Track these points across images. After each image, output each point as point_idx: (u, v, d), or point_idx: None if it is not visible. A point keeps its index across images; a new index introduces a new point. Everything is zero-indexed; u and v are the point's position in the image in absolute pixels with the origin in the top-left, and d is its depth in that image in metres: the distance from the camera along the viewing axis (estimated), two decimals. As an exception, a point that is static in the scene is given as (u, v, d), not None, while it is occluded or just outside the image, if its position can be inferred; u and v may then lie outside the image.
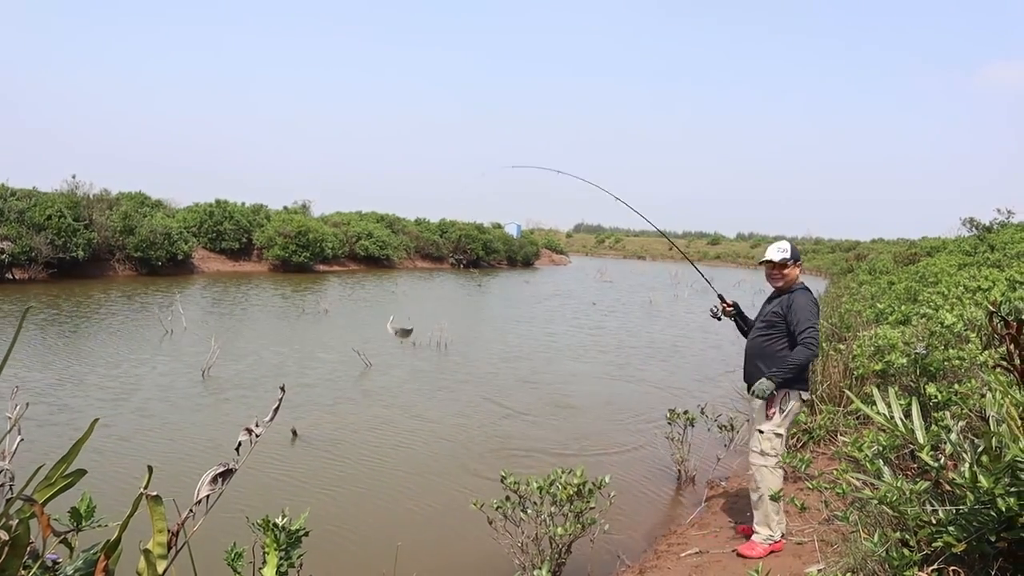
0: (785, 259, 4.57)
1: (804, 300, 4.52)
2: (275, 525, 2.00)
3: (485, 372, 11.37)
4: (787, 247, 4.64)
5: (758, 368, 4.57)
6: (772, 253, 4.62)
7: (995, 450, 2.39)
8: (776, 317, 4.55)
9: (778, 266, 4.58)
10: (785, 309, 4.51)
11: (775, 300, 4.66)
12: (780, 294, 4.64)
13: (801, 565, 4.07)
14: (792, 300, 4.52)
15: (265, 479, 6.11)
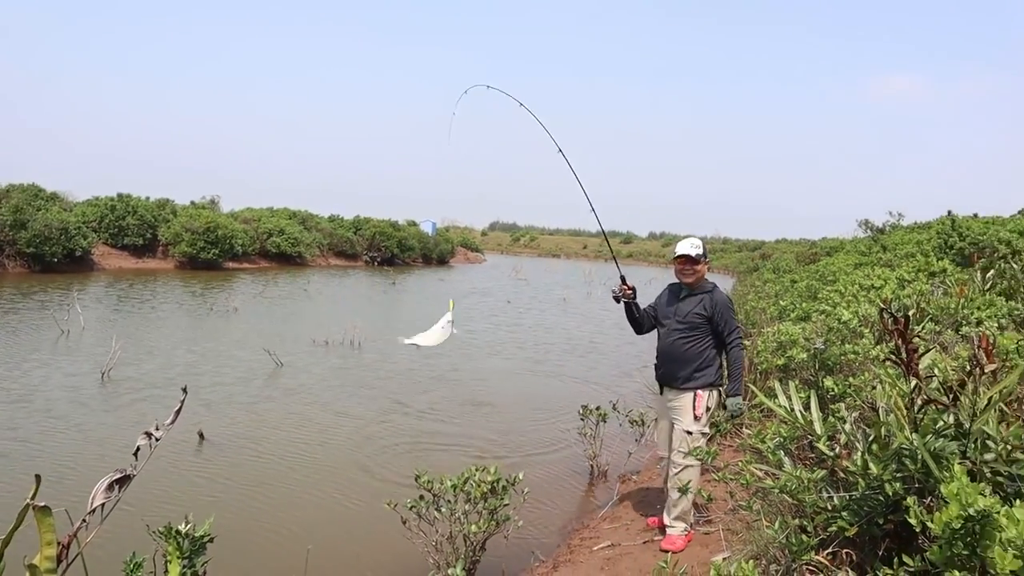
0: (699, 255, 4.61)
1: (725, 300, 4.63)
2: (177, 532, 1.92)
3: (401, 370, 11.26)
4: (699, 243, 4.69)
5: (681, 370, 4.56)
6: (687, 248, 4.63)
7: (884, 439, 2.52)
8: (699, 318, 4.56)
9: (691, 261, 4.61)
10: (710, 310, 4.54)
11: (690, 299, 4.65)
12: (692, 292, 4.65)
13: (708, 554, 4.20)
14: (715, 301, 4.57)
15: (169, 485, 5.87)
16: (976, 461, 2.33)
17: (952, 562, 1.89)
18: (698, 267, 4.64)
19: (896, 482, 2.31)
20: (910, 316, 2.77)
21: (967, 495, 1.87)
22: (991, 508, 1.84)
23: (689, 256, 4.60)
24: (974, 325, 6.18)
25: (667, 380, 4.66)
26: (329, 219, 44.45)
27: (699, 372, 4.54)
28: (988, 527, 1.84)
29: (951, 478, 1.97)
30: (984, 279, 8.54)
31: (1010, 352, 4.37)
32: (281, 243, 36.05)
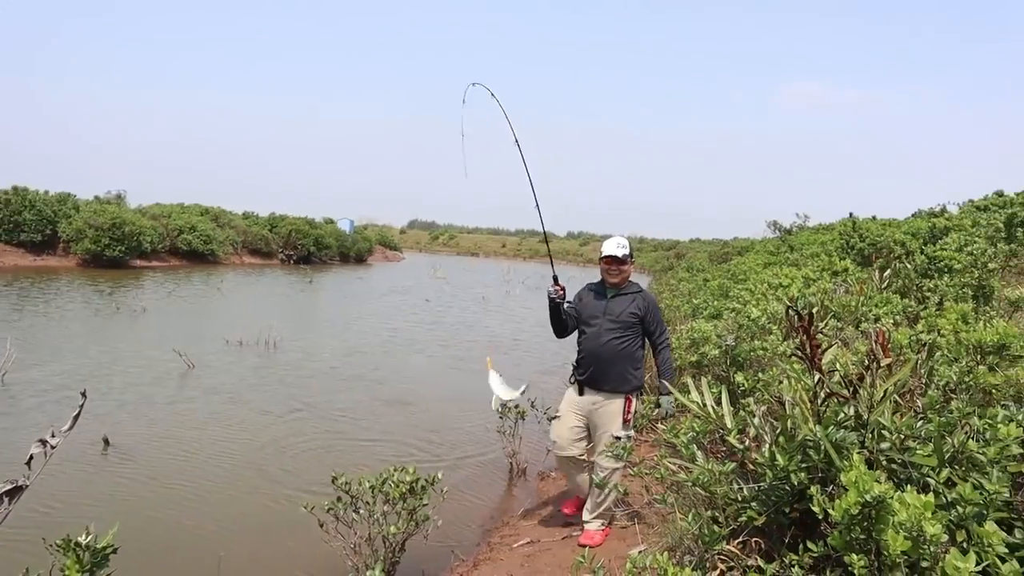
0: (626, 255, 4.58)
1: (655, 300, 4.67)
2: (77, 544, 1.83)
3: (318, 371, 11.05)
4: (626, 243, 4.64)
5: (614, 371, 4.50)
6: (613, 248, 4.58)
7: (790, 431, 2.64)
8: (634, 318, 4.53)
9: (619, 261, 4.58)
10: (643, 310, 4.54)
11: (620, 298, 4.62)
12: (620, 291, 4.63)
13: (625, 547, 4.29)
14: (647, 301, 4.59)
15: (69, 494, 5.58)
16: (873, 450, 2.46)
17: (851, 546, 1.99)
18: (624, 267, 4.61)
19: (801, 472, 2.42)
20: (814, 313, 2.90)
21: (864, 483, 1.98)
22: (886, 494, 1.95)
23: (616, 257, 4.56)
24: (872, 321, 6.52)
25: (595, 383, 4.56)
26: (243, 216, 43.18)
27: (631, 374, 4.53)
28: (883, 512, 1.95)
29: (850, 467, 2.07)
30: (881, 278, 9.01)
31: (904, 347, 4.63)
32: (193, 240, 34.76)
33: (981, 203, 16.19)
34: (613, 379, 4.49)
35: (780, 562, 2.28)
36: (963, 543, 1.98)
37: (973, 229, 11.81)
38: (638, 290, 4.66)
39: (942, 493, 2.20)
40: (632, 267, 4.70)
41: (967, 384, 3.55)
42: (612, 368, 4.49)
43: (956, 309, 5.52)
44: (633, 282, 4.71)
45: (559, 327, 4.83)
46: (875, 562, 1.98)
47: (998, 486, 2.13)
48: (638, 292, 4.65)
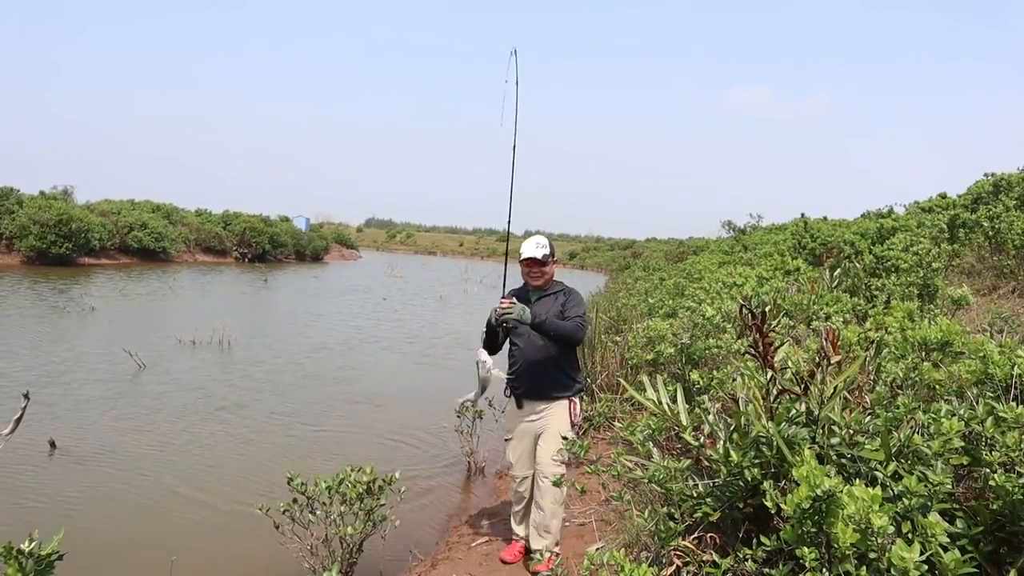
0: (546, 255, 4.28)
1: (579, 296, 4.38)
2: (19, 552, 1.78)
3: (273, 370, 10.90)
4: (545, 242, 4.32)
5: (551, 379, 4.25)
6: (533, 250, 4.26)
7: (743, 428, 2.68)
8: (559, 319, 4.22)
9: (539, 263, 4.28)
10: (564, 305, 4.26)
11: (544, 300, 4.32)
12: (544, 293, 4.35)
13: (583, 544, 4.32)
14: (568, 295, 4.32)
15: (13, 499, 5.42)
16: (823, 445, 2.52)
17: (802, 539, 2.04)
18: (546, 268, 4.32)
19: (754, 468, 2.46)
20: (767, 312, 2.96)
21: (815, 477, 2.02)
22: (836, 488, 2.00)
23: (535, 259, 4.26)
24: (823, 320, 6.67)
25: (533, 394, 4.29)
26: (196, 213, 42.37)
27: (569, 379, 4.30)
28: (833, 506, 1.99)
29: (801, 462, 2.12)
30: (832, 277, 9.22)
31: (853, 344, 4.75)
32: (143, 238, 33.98)
33: (926, 204, 16.67)
34: (550, 387, 4.25)
35: (734, 556, 2.32)
36: (908, 534, 2.04)
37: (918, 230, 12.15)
38: (561, 288, 4.38)
39: (889, 486, 2.26)
40: (555, 266, 4.41)
41: (913, 380, 3.66)
42: (547, 376, 4.24)
43: (902, 307, 5.67)
44: (557, 281, 4.43)
45: (491, 342, 4.45)
46: (826, 555, 2.03)
47: (942, 478, 2.19)
48: (561, 290, 4.37)
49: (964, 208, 13.80)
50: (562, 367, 4.26)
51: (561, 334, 4.11)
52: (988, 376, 3.27)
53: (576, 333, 4.16)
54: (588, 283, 27.89)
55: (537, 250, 4.27)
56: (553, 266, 4.37)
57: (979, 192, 14.41)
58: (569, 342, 4.20)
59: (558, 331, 4.09)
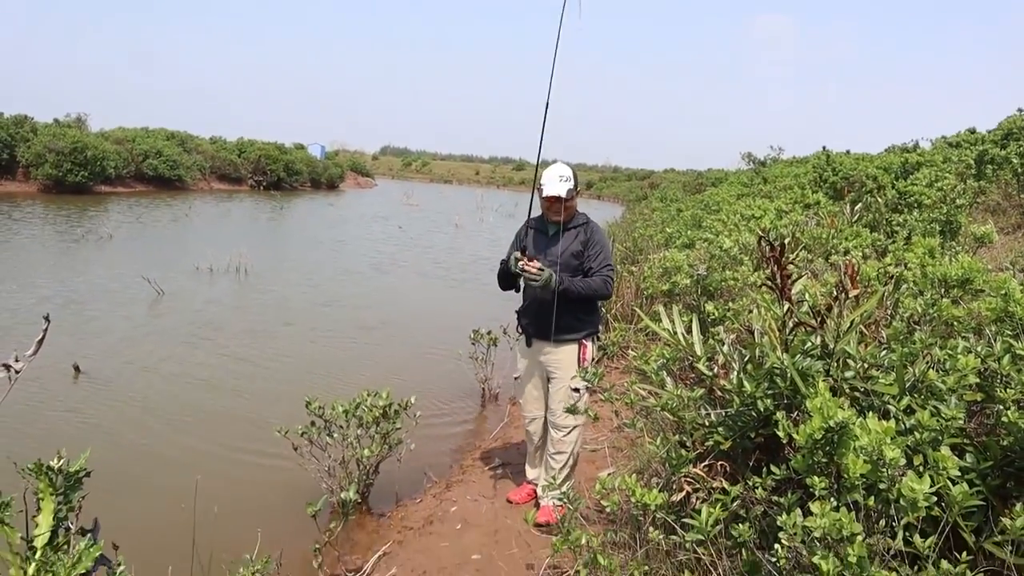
0: (571, 191, 3.89)
1: (602, 235, 4.05)
2: (49, 468, 1.83)
3: (291, 296, 11.00)
4: (569, 174, 3.92)
5: (562, 320, 3.89)
6: (556, 186, 3.88)
7: (758, 359, 2.69)
8: (576, 259, 3.96)
9: (563, 201, 3.91)
10: (583, 245, 3.96)
11: (563, 236, 4.00)
12: (564, 227, 4.01)
13: (595, 470, 4.41)
14: (590, 232, 3.99)
15: (41, 421, 5.56)
16: (837, 379, 2.53)
17: (812, 469, 2.06)
18: (569, 203, 3.96)
19: (767, 399, 2.48)
20: (786, 245, 2.93)
21: (828, 409, 2.03)
22: (848, 420, 2.01)
23: (559, 197, 3.89)
24: (842, 254, 6.61)
25: (543, 333, 3.99)
26: (211, 141, 42.05)
27: (581, 320, 3.98)
28: (845, 437, 2.01)
29: (815, 394, 2.13)
30: (852, 212, 9.10)
31: (872, 279, 4.71)
32: (159, 166, 33.81)
33: (953, 139, 16.26)
34: (561, 328, 3.92)
35: (744, 484, 2.36)
36: (919, 467, 2.06)
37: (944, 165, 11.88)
38: (584, 222, 4.06)
39: (901, 420, 2.27)
40: (578, 198, 4.04)
41: (931, 316, 3.64)
42: (559, 316, 3.90)
43: (923, 244, 5.60)
44: (580, 213, 4.10)
45: (506, 284, 4.19)
46: (835, 484, 2.06)
47: (955, 413, 2.20)
48: (584, 225, 4.04)
49: (993, 144, 13.46)
50: (572, 309, 3.93)
51: (588, 295, 3.88)
52: (1008, 314, 3.24)
53: (604, 291, 3.91)
54: (605, 213, 27.73)
55: (561, 186, 3.88)
56: (576, 200, 4.01)
57: (1010, 128, 14.02)
58: (598, 298, 3.97)
59: (584, 293, 3.85)
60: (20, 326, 7.99)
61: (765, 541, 2.20)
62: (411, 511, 4.51)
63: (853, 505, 1.93)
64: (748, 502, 2.35)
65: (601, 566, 2.35)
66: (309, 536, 3.63)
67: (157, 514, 4.20)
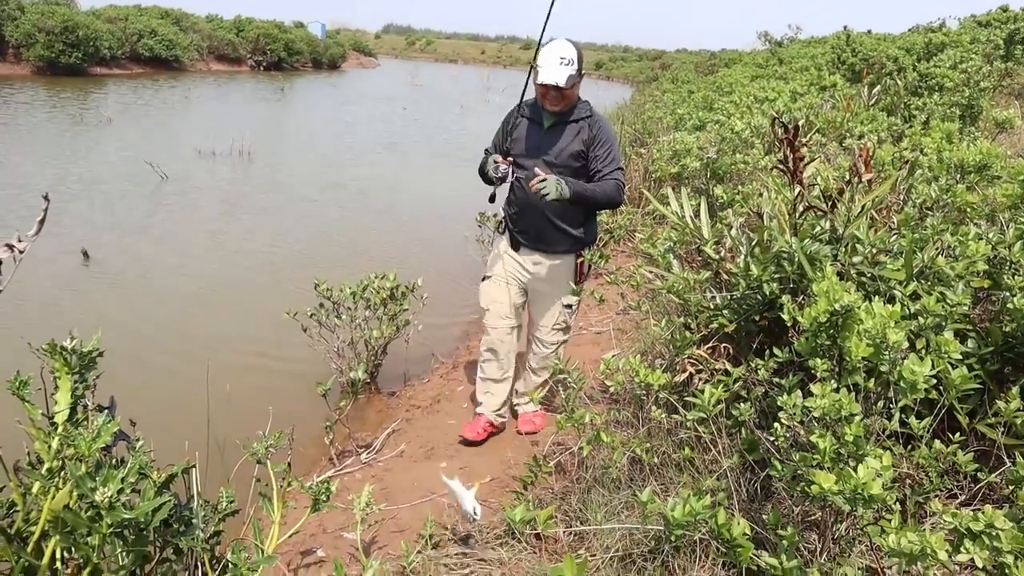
0: (572, 78, 3.21)
1: (609, 131, 3.41)
2: (63, 348, 1.86)
3: (296, 179, 10.91)
4: (572, 55, 3.23)
5: (556, 230, 3.41)
6: (555, 73, 3.19)
7: (766, 243, 2.67)
8: (580, 159, 3.34)
9: (559, 89, 3.23)
10: (587, 143, 3.33)
11: (562, 130, 3.36)
12: (562, 119, 3.37)
13: (599, 351, 4.49)
14: (595, 129, 3.34)
15: (51, 305, 5.62)
16: (845, 263, 2.52)
17: (815, 352, 2.08)
18: (570, 92, 3.29)
19: (773, 282, 2.48)
20: (799, 127, 2.84)
21: (834, 292, 2.03)
22: (854, 304, 2.01)
23: (557, 86, 3.20)
24: (856, 138, 6.46)
25: (533, 242, 3.48)
26: (207, 19, 40.50)
27: (579, 231, 3.45)
28: (849, 320, 2.02)
29: (822, 277, 2.12)
30: (870, 94, 8.83)
31: (886, 164, 4.63)
32: (154, 46, 32.66)
33: (983, 18, 15.55)
34: (554, 240, 3.43)
35: (747, 366, 2.39)
36: (921, 350, 2.08)
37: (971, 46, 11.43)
38: (587, 115, 3.39)
39: (906, 305, 2.27)
40: (580, 83, 3.34)
41: (944, 202, 3.59)
42: (552, 226, 3.40)
43: (942, 128, 5.46)
44: (582, 103, 3.41)
45: (488, 179, 3.50)
46: (836, 367, 2.08)
47: (961, 299, 2.20)
48: (586, 118, 3.37)
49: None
50: (568, 218, 3.40)
51: (601, 202, 3.36)
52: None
53: (617, 197, 3.36)
54: (614, 95, 26.99)
55: (560, 71, 3.18)
56: (578, 86, 3.33)
57: (1044, 4, 13.36)
58: (609, 206, 3.48)
59: (598, 199, 3.31)
60: (19, 207, 7.96)
61: (764, 421, 2.26)
62: (419, 390, 4.63)
63: (853, 387, 1.96)
64: (749, 383, 2.39)
65: (604, 443, 2.42)
66: (320, 415, 3.75)
67: (170, 396, 4.30)
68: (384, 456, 3.71)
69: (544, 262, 3.49)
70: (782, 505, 2.23)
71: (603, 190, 3.29)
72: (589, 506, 2.52)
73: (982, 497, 2.13)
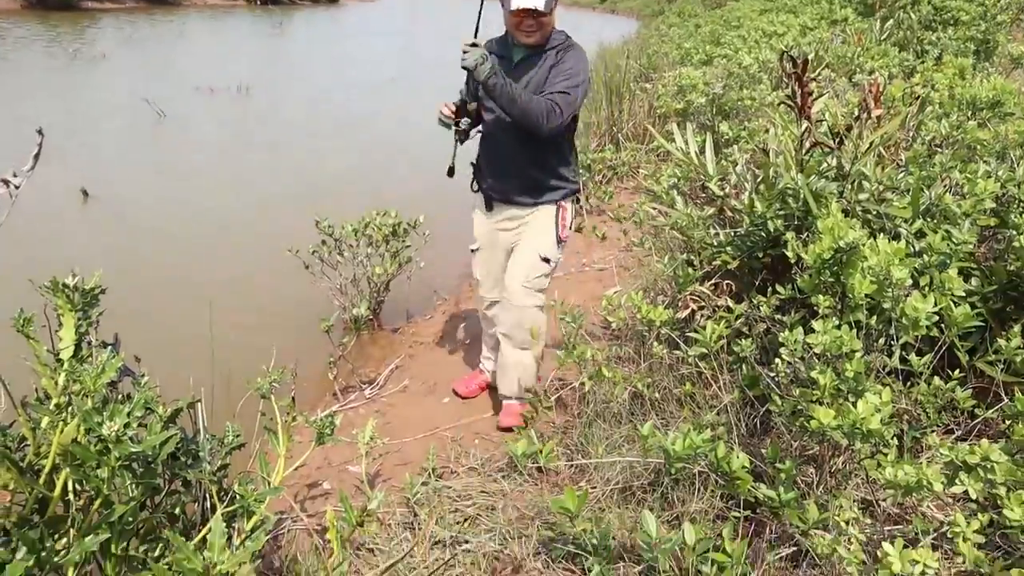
0: (551, 2, 2.79)
1: (580, 61, 2.88)
2: (65, 285, 1.86)
3: (296, 116, 10.76)
4: None
5: (534, 176, 3.02)
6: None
7: (772, 179, 2.64)
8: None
9: (538, 15, 2.80)
10: (552, 70, 2.87)
11: (532, 64, 2.93)
12: (530, 53, 2.94)
13: (601, 288, 4.49)
14: (564, 57, 2.88)
15: (51, 244, 5.58)
16: (851, 200, 2.50)
17: (818, 289, 2.08)
18: (545, 20, 2.84)
19: (778, 219, 2.46)
20: (808, 61, 2.78)
21: (839, 229, 2.02)
22: (859, 240, 2.00)
23: (535, 10, 2.77)
24: (867, 74, 6.33)
25: (505, 194, 3.11)
26: (197, -55, 39.31)
27: (556, 177, 3.04)
28: (854, 258, 2.01)
29: (827, 215, 2.11)
30: (882, 29, 8.61)
31: (896, 100, 4.54)
32: (148, -23, 31.82)
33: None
34: (528, 189, 3.05)
35: (749, 303, 2.40)
36: (925, 288, 2.07)
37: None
38: (561, 42, 2.92)
39: (911, 243, 2.26)
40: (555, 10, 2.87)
41: (954, 139, 3.53)
42: (524, 174, 3.02)
43: (955, 63, 5.34)
44: (558, 32, 2.95)
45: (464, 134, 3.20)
46: (839, 304, 2.08)
47: (966, 237, 2.18)
48: (560, 46, 2.91)
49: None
50: (541, 164, 3.01)
51: (519, 111, 2.71)
52: (1035, 137, 3.14)
53: (540, 118, 2.71)
54: (619, 28, 26.38)
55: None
56: (554, 14, 2.87)
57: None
58: (528, 125, 2.75)
59: (516, 105, 2.70)
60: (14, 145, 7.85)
61: (765, 357, 2.27)
62: (422, 327, 4.65)
63: (855, 324, 1.96)
64: (751, 320, 2.40)
65: (605, 378, 2.44)
66: (323, 352, 3.78)
67: (173, 333, 4.29)
68: (387, 391, 3.75)
69: (520, 215, 3.11)
70: (781, 440, 2.26)
71: (528, 101, 2.70)
72: (590, 440, 2.56)
73: (978, 433, 2.16)
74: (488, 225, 3.23)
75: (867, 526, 1.82)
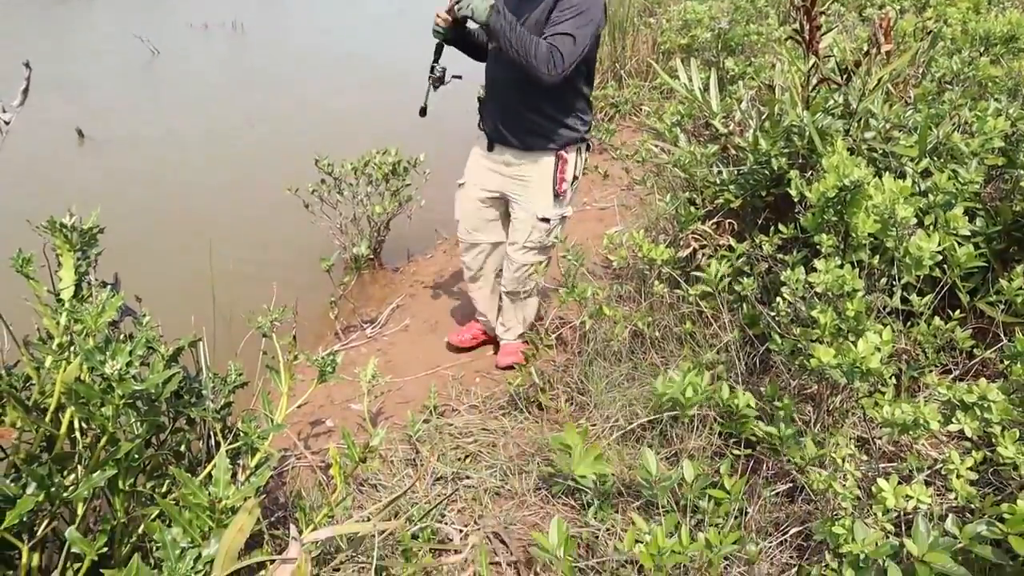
0: None
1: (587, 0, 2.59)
2: (63, 225, 1.85)
3: (293, 52, 10.52)
4: None
5: (536, 117, 2.79)
6: None
7: (776, 116, 2.60)
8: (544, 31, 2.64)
9: None
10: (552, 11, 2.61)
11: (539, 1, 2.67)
12: None
13: (603, 227, 4.47)
14: None
15: (51, 183, 5.53)
16: (857, 139, 2.46)
17: (821, 228, 2.06)
18: None
19: (782, 157, 2.43)
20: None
21: (844, 167, 1.99)
22: (864, 179, 1.97)
23: None
24: (878, 7, 6.16)
25: (505, 136, 2.90)
26: None
27: (558, 123, 2.81)
28: (858, 196, 1.99)
29: (832, 152, 2.07)
30: (895, -41, 8.35)
31: (907, 35, 4.43)
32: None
33: None
34: (528, 130, 2.83)
35: (751, 242, 2.38)
36: (929, 227, 2.06)
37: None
38: None
39: (917, 182, 2.23)
40: None
41: (965, 76, 3.45)
42: (525, 113, 2.80)
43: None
44: None
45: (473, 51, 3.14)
46: (842, 243, 2.07)
47: (973, 176, 2.15)
48: None
49: None
50: (544, 104, 2.77)
51: (517, 53, 2.53)
52: (1050, 73, 3.07)
53: (539, 65, 2.51)
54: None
55: None
56: None
57: None
58: (525, 67, 2.55)
59: (514, 46, 2.52)
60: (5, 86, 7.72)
61: (767, 296, 2.27)
62: (423, 266, 4.64)
63: (857, 264, 1.96)
64: (753, 259, 2.39)
65: (606, 317, 2.45)
66: (324, 291, 3.78)
67: (173, 273, 4.26)
68: (389, 330, 3.77)
69: (516, 162, 2.90)
70: (779, 379, 2.27)
71: (529, 44, 2.50)
72: (591, 378, 2.58)
73: (975, 373, 2.17)
74: (482, 163, 3.05)
75: (863, 463, 1.85)
